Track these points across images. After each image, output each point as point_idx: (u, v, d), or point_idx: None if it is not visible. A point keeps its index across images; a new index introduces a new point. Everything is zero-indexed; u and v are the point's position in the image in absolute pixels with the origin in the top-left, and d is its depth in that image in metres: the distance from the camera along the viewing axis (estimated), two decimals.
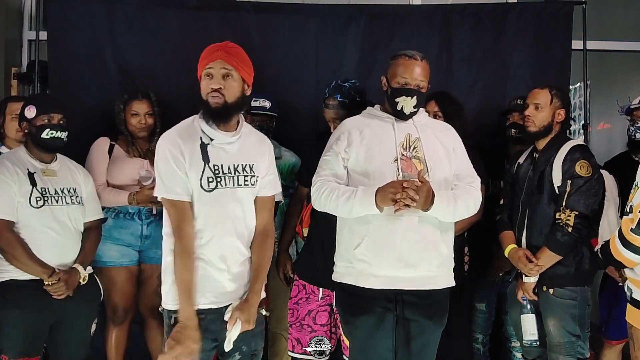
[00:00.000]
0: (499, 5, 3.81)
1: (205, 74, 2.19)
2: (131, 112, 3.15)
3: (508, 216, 2.89)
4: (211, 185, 2.16)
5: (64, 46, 3.50)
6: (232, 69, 2.18)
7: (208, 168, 2.16)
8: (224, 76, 2.17)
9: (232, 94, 2.18)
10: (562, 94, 2.83)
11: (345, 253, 2.38)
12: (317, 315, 2.86)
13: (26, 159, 2.72)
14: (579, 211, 2.62)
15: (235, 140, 2.24)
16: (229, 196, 2.20)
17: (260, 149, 2.32)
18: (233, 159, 2.22)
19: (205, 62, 2.19)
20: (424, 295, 2.33)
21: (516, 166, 2.93)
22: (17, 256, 2.59)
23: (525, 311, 2.78)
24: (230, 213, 2.21)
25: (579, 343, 2.70)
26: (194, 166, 2.16)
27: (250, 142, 2.30)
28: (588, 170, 2.66)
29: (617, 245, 2.31)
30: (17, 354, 2.60)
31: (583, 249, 2.72)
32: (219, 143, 2.20)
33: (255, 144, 2.32)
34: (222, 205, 2.19)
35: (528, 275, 2.71)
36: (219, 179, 2.17)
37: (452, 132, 2.51)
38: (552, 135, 2.79)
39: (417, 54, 2.38)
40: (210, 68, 2.17)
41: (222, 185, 2.18)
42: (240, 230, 2.24)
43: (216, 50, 2.20)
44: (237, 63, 2.20)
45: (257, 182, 2.27)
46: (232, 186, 2.20)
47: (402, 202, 2.18)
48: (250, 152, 2.28)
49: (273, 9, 3.66)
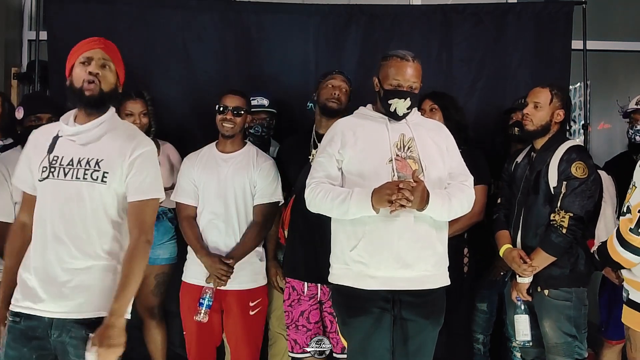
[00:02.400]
0: (499, 5, 3.81)
1: (81, 62, 2.09)
2: (125, 112, 3.12)
3: (505, 215, 2.89)
4: (43, 175, 2.07)
5: (64, 46, 3.49)
6: (110, 60, 2.12)
7: (47, 158, 2.08)
8: (102, 66, 2.10)
9: (108, 83, 2.10)
10: (563, 94, 2.81)
11: (341, 255, 2.38)
12: (310, 314, 2.89)
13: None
14: (574, 213, 2.62)
15: (83, 131, 2.10)
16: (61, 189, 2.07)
17: (123, 147, 2.11)
18: (79, 152, 2.09)
19: (81, 51, 2.11)
20: (420, 295, 2.33)
21: (514, 165, 2.92)
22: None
23: (518, 311, 2.77)
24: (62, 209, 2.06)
25: (576, 343, 2.69)
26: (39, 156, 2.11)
27: (113, 138, 2.13)
28: (584, 171, 2.65)
29: (615, 246, 2.30)
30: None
31: (578, 250, 2.71)
32: (68, 135, 2.11)
33: (118, 141, 2.12)
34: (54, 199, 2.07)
35: (522, 275, 2.71)
36: (52, 170, 2.06)
37: (445, 131, 2.51)
38: (550, 135, 2.78)
39: (408, 55, 2.37)
40: (88, 55, 2.09)
41: (55, 176, 2.06)
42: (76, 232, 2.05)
43: (95, 41, 2.14)
44: (114, 56, 2.15)
45: (108, 180, 2.07)
46: (70, 179, 2.06)
47: (397, 203, 2.18)
48: (106, 147, 2.10)
49: (273, 9, 3.66)
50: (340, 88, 2.94)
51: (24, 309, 2.05)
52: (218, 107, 2.93)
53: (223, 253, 2.87)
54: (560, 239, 2.63)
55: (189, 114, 3.58)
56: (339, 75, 3.00)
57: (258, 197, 2.93)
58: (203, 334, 2.92)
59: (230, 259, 2.83)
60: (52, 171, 2.06)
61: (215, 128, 2.98)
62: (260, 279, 3.00)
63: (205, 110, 3.35)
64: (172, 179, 3.20)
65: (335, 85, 2.95)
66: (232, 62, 3.62)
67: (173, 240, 3.23)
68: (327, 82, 2.97)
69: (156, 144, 3.21)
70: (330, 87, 2.95)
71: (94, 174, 2.06)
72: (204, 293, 2.83)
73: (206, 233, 2.91)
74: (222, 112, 2.92)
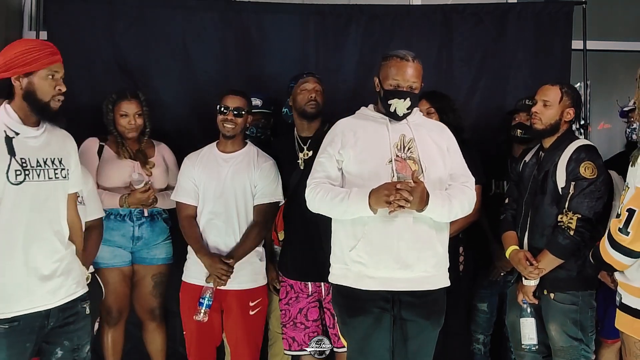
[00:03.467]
0: (499, 5, 3.81)
1: (50, 74, 2.14)
2: (120, 112, 3.12)
3: (512, 216, 2.84)
4: (19, 178, 2.10)
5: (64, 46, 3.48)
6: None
7: (15, 161, 2.10)
8: (62, 79, 2.19)
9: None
10: (573, 92, 2.75)
11: (341, 255, 2.38)
12: (308, 312, 2.90)
13: None
14: (582, 214, 2.55)
15: (40, 134, 2.20)
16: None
17: (66, 144, 2.31)
18: (40, 152, 2.18)
19: (47, 62, 2.14)
20: (420, 295, 2.33)
21: (522, 164, 2.86)
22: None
23: (525, 315, 2.72)
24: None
25: (582, 347, 2.64)
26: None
27: (56, 137, 2.27)
28: (593, 172, 2.57)
29: (606, 248, 2.24)
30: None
31: (586, 253, 2.61)
32: (24, 137, 2.15)
33: (61, 139, 2.29)
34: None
35: (528, 278, 2.65)
36: (27, 172, 2.12)
37: (446, 132, 2.51)
38: (559, 134, 2.71)
39: (408, 55, 2.36)
40: (56, 71, 2.16)
41: (30, 178, 2.12)
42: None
43: (55, 54, 2.18)
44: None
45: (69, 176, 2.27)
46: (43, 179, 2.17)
47: (396, 204, 2.17)
48: (57, 146, 2.25)
49: (273, 9, 3.66)
50: (315, 90, 2.93)
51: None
52: (219, 108, 2.93)
53: (223, 253, 2.87)
54: (567, 241, 2.56)
55: (189, 114, 3.58)
56: (310, 78, 2.98)
57: (258, 197, 2.93)
58: (203, 334, 2.92)
59: (230, 259, 2.83)
60: (27, 174, 2.13)
61: (215, 128, 2.98)
62: (260, 279, 3.00)
63: (205, 110, 3.36)
64: (166, 180, 3.20)
65: (309, 89, 2.94)
66: (232, 62, 3.62)
67: (168, 240, 3.23)
68: (301, 87, 2.96)
69: (151, 145, 3.24)
70: (305, 91, 2.94)
71: (62, 172, 2.24)
72: (204, 293, 2.83)
73: (206, 233, 2.91)
74: (223, 113, 2.92)
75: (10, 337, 2.09)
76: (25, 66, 2.11)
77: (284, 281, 2.98)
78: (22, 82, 2.12)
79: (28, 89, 2.13)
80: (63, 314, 2.22)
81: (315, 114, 2.93)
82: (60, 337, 2.23)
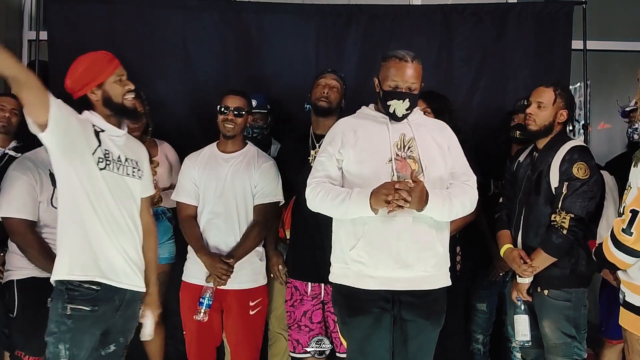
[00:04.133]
0: (499, 5, 3.81)
1: (116, 80, 2.36)
2: None
3: (507, 215, 2.88)
4: (100, 165, 2.30)
5: (64, 46, 3.50)
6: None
7: (99, 149, 2.32)
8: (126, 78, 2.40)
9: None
10: (566, 94, 2.79)
11: (341, 254, 2.38)
12: (313, 314, 2.90)
13: (47, 159, 2.72)
14: (575, 214, 2.60)
15: (122, 135, 2.42)
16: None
17: (141, 150, 2.54)
18: (122, 151, 2.40)
19: (111, 69, 2.36)
20: (420, 295, 2.33)
21: (516, 164, 2.91)
22: (37, 256, 2.62)
23: (518, 311, 2.76)
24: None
25: (575, 344, 2.68)
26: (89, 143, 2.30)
27: (133, 142, 2.51)
28: (585, 172, 2.63)
29: (609, 247, 2.29)
30: (34, 351, 2.65)
31: (579, 251, 2.69)
32: (109, 134, 2.37)
33: (137, 145, 2.53)
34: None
35: (522, 275, 2.70)
36: (108, 162, 2.32)
37: (448, 131, 2.50)
38: (553, 135, 2.76)
39: (407, 55, 2.36)
40: (121, 74, 2.38)
41: (110, 169, 2.33)
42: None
43: (114, 59, 2.40)
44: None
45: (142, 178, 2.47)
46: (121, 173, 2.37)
47: (395, 204, 2.18)
48: (134, 150, 2.47)
49: (273, 9, 3.66)
50: (329, 86, 2.95)
51: None
52: (219, 108, 2.93)
53: (223, 252, 2.87)
54: (560, 239, 2.61)
55: (189, 114, 3.58)
56: (329, 74, 3.01)
57: (258, 197, 2.94)
58: (203, 334, 2.92)
59: (231, 259, 2.83)
60: (108, 164, 2.36)
61: (215, 128, 2.98)
62: (260, 279, 3.00)
63: (205, 110, 3.36)
64: (170, 179, 3.20)
65: (323, 84, 2.96)
66: (232, 62, 3.62)
67: (172, 240, 3.23)
68: (318, 82, 2.98)
69: (154, 144, 3.24)
70: (320, 86, 2.96)
71: (139, 173, 2.45)
72: (204, 292, 2.83)
73: (206, 232, 2.92)
74: (224, 113, 2.92)
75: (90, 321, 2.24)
76: (95, 80, 2.34)
77: (289, 282, 2.98)
78: (97, 94, 2.35)
79: (104, 96, 2.35)
80: (125, 310, 2.35)
81: (325, 109, 2.93)
82: (117, 334, 2.36)
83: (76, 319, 2.22)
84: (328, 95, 2.93)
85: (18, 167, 2.71)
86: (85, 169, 2.26)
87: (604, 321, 3.21)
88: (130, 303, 2.37)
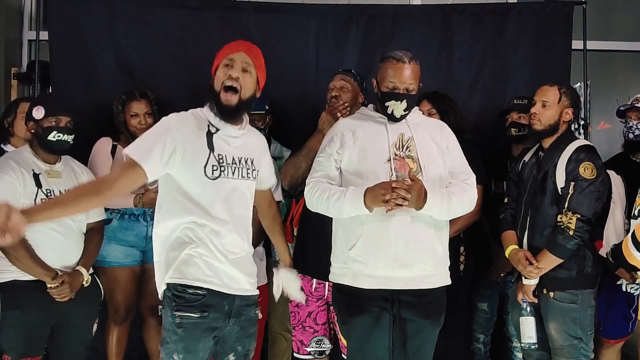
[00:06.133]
0: (499, 5, 3.81)
1: (225, 64, 2.15)
2: (130, 113, 3.14)
3: (511, 215, 2.85)
4: (215, 174, 2.13)
5: (64, 46, 3.50)
6: (252, 65, 2.17)
7: (213, 157, 2.14)
8: (243, 69, 2.15)
9: (247, 89, 2.17)
10: (571, 92, 2.76)
11: (340, 254, 2.38)
12: (318, 315, 2.88)
13: (31, 159, 2.73)
14: (581, 214, 2.57)
15: (240, 135, 2.23)
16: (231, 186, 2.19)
17: (261, 146, 2.37)
18: (237, 151, 2.22)
19: (226, 53, 2.16)
20: (420, 294, 2.33)
21: (521, 164, 2.87)
22: (19, 258, 2.59)
23: (524, 314, 2.74)
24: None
25: (582, 345, 2.66)
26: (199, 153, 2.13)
27: (252, 139, 2.32)
28: (592, 172, 2.59)
29: (630, 250, 2.28)
30: (18, 354, 2.61)
31: (586, 252, 2.66)
32: (224, 135, 2.20)
33: (256, 142, 2.34)
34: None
35: (528, 277, 2.67)
36: (222, 169, 2.15)
37: (446, 130, 2.50)
38: (558, 135, 2.73)
39: (405, 56, 2.36)
40: (231, 58, 2.15)
41: (226, 174, 2.16)
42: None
43: (240, 44, 2.20)
44: (257, 62, 2.20)
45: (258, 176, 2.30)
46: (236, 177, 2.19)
47: (393, 202, 2.17)
48: (252, 148, 2.29)
49: (273, 8, 3.66)
50: (337, 88, 2.91)
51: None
52: None
53: None
54: (567, 240, 2.58)
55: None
56: (337, 75, 2.98)
57: None
58: None
59: None
60: (223, 170, 2.17)
61: None
62: (261, 279, 2.99)
63: None
64: None
65: (331, 87, 2.92)
66: None
67: None
68: (328, 87, 2.95)
69: None
70: (329, 90, 2.92)
71: (253, 173, 2.26)
72: None
73: None
74: None
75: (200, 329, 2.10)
76: (214, 65, 2.19)
77: None
78: (212, 81, 2.18)
79: (211, 83, 2.19)
80: (239, 317, 2.20)
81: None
82: (234, 342, 2.21)
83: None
84: (336, 98, 2.89)
85: (1, 166, 2.65)
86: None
87: (601, 321, 3.21)
88: (241, 309, 2.22)
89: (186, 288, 2.10)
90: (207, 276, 2.12)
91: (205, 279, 2.11)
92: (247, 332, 2.24)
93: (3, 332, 2.63)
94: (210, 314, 2.11)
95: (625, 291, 2.84)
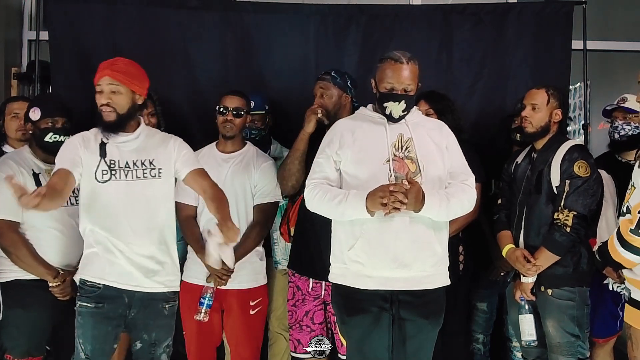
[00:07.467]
0: (499, 5, 3.81)
1: (97, 90, 2.42)
2: None
3: (506, 216, 2.89)
4: (105, 177, 2.41)
5: (64, 46, 3.50)
6: (120, 84, 2.41)
7: (104, 162, 2.42)
8: (112, 91, 2.40)
9: (121, 106, 2.42)
10: (559, 93, 2.83)
11: (339, 254, 2.39)
12: (315, 315, 2.89)
13: (30, 159, 2.74)
14: (577, 211, 2.62)
15: (133, 139, 2.48)
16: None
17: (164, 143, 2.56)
18: (131, 155, 2.47)
19: (97, 79, 2.42)
20: (419, 294, 2.33)
21: (514, 166, 2.92)
22: (21, 257, 2.61)
23: (523, 311, 2.78)
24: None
25: (579, 343, 2.70)
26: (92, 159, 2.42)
27: (153, 139, 2.55)
28: (586, 170, 2.66)
29: (615, 247, 2.32)
30: (21, 353, 2.63)
31: (581, 250, 2.72)
32: (115, 142, 2.46)
33: (157, 140, 2.55)
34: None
35: (526, 275, 2.71)
36: (114, 172, 2.42)
37: (445, 130, 2.51)
38: (550, 136, 2.79)
39: (403, 56, 2.36)
40: (99, 84, 2.41)
41: (117, 177, 2.42)
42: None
43: (104, 69, 2.42)
44: (125, 78, 2.41)
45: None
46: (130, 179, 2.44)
47: (391, 206, 2.18)
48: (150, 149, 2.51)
49: (273, 9, 3.66)
50: (318, 96, 2.88)
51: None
52: (218, 108, 2.94)
53: None
54: (564, 237, 2.63)
55: (189, 114, 3.58)
56: (317, 82, 2.93)
57: (258, 197, 2.94)
58: (203, 334, 2.92)
59: None
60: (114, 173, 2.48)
61: (215, 128, 2.99)
62: (261, 279, 3.00)
63: (204, 110, 3.36)
64: None
65: (314, 95, 2.90)
66: (232, 62, 3.61)
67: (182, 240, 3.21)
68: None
69: None
70: (315, 97, 2.90)
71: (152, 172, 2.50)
72: (205, 292, 2.84)
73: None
74: (223, 113, 2.93)
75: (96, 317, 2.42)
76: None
77: (292, 282, 2.98)
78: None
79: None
80: (143, 309, 2.49)
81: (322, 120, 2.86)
82: (140, 331, 2.51)
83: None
84: (322, 104, 2.86)
85: (1, 166, 2.66)
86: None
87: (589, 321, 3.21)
88: (145, 302, 2.48)
89: (86, 281, 2.45)
90: (106, 273, 2.43)
91: (102, 276, 2.43)
92: (154, 323, 2.51)
93: (5, 331, 2.64)
94: (105, 305, 2.42)
95: (612, 290, 2.86)
